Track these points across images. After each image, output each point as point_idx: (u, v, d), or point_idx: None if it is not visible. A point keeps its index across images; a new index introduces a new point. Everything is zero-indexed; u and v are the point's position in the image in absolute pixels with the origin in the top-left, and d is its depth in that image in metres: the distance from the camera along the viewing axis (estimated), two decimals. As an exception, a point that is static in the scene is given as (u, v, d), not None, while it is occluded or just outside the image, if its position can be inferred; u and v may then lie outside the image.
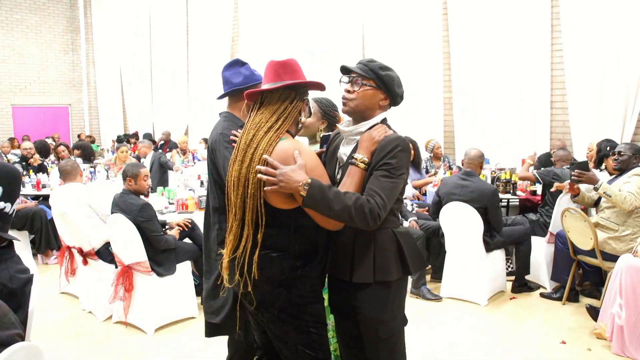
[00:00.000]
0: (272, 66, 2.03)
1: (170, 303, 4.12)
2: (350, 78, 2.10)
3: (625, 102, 6.51)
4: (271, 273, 1.95)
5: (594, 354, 3.61)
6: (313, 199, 1.84)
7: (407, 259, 2.04)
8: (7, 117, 13.24)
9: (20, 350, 1.66)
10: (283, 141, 1.95)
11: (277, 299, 1.97)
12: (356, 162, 1.99)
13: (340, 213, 1.85)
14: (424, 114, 8.24)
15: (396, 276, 2.02)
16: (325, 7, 9.23)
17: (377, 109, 2.09)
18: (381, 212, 1.88)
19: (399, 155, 1.95)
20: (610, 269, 4.14)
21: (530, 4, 7.16)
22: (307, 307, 1.99)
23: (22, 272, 1.97)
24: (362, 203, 1.86)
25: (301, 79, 2.02)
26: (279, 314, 1.99)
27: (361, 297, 2.01)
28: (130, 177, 4.12)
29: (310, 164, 1.93)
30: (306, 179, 1.84)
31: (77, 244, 4.49)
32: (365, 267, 1.99)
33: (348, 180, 1.99)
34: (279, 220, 1.95)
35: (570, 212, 4.29)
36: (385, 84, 2.06)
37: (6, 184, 1.92)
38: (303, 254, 1.98)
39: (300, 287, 1.97)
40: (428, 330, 4.04)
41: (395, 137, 2.00)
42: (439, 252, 5.02)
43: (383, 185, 1.92)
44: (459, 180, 4.66)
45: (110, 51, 13.64)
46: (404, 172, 1.99)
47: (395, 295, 2.06)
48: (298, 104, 2.02)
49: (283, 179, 1.84)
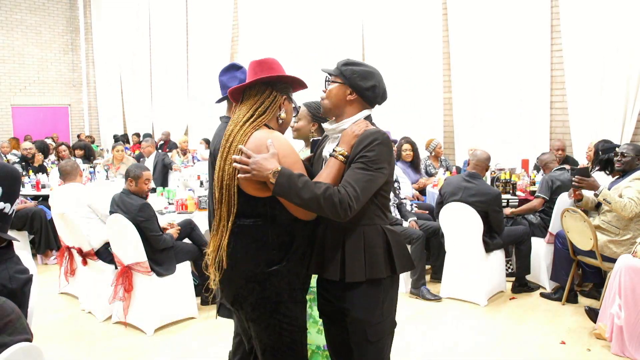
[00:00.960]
0: (250, 66, 2.10)
1: (170, 303, 4.12)
2: (326, 79, 2.14)
3: (625, 102, 6.50)
4: (245, 266, 1.94)
5: (593, 354, 3.61)
6: (282, 186, 1.84)
7: (394, 257, 2.01)
8: (6, 117, 13.23)
9: (20, 350, 1.66)
10: (258, 132, 1.97)
11: (250, 294, 1.94)
12: (335, 155, 1.98)
13: (309, 202, 1.84)
14: (423, 114, 8.24)
15: (385, 274, 1.99)
16: (325, 8, 9.22)
17: (346, 105, 2.08)
18: (352, 203, 1.84)
19: (376, 148, 1.93)
20: (609, 269, 4.14)
21: (530, 4, 7.15)
22: (280, 305, 1.94)
23: (22, 273, 1.96)
24: (331, 193, 1.84)
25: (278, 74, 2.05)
26: (252, 312, 1.96)
27: (351, 298, 1.97)
28: (131, 178, 4.11)
29: (283, 152, 1.93)
30: (276, 167, 1.85)
31: (76, 244, 4.49)
32: (356, 264, 1.96)
33: (325, 171, 1.98)
34: (254, 210, 1.94)
35: (569, 213, 4.29)
36: (346, 77, 2.05)
37: (6, 185, 1.92)
38: (280, 245, 1.95)
39: (275, 282, 1.93)
40: (428, 331, 4.04)
41: (375, 130, 1.99)
42: (438, 253, 5.02)
43: (357, 177, 1.89)
44: (462, 181, 4.64)
45: (109, 51, 13.64)
46: (383, 166, 1.95)
47: (385, 295, 2.02)
48: (276, 98, 2.04)
49: (255, 167, 1.86)
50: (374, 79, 2.08)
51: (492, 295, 4.71)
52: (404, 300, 4.60)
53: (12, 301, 1.80)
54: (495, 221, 4.53)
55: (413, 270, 4.73)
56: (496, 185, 5.71)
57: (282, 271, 1.94)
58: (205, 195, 5.09)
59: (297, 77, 2.11)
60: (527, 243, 4.81)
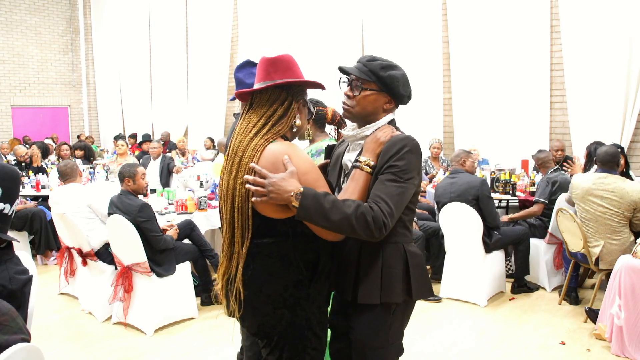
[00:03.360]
0: (262, 63, 1.82)
1: (170, 304, 4.12)
2: (349, 80, 1.90)
3: (625, 102, 6.50)
4: (272, 290, 1.72)
5: (593, 354, 3.61)
6: (307, 210, 1.63)
7: (412, 281, 1.82)
8: (6, 117, 13.23)
9: (20, 350, 1.66)
10: (271, 145, 1.74)
11: (278, 322, 1.73)
12: (360, 165, 1.79)
13: (339, 224, 1.64)
14: (423, 115, 8.24)
15: (401, 298, 1.82)
16: (324, 8, 9.23)
17: (381, 113, 1.89)
18: (387, 220, 1.67)
19: (406, 156, 1.75)
20: (601, 271, 4.16)
21: (529, 5, 7.15)
22: (309, 331, 1.76)
23: (22, 273, 1.96)
24: (363, 211, 1.65)
25: (295, 76, 1.80)
26: (279, 340, 1.75)
27: (358, 318, 1.83)
28: (128, 177, 4.12)
29: (303, 168, 1.71)
30: (298, 188, 1.64)
31: (76, 244, 4.49)
32: (370, 285, 1.79)
33: (352, 185, 1.77)
34: (274, 229, 1.72)
35: (562, 213, 4.31)
36: (388, 86, 1.86)
37: (5, 185, 1.91)
38: (306, 264, 1.75)
39: (306, 307, 1.74)
40: (427, 331, 4.04)
41: (403, 137, 1.80)
42: (438, 253, 5.03)
43: (389, 190, 1.71)
44: (448, 180, 4.79)
45: (109, 52, 13.64)
46: (414, 176, 1.77)
47: (394, 320, 1.85)
48: (292, 105, 1.80)
49: (273, 189, 1.64)
50: (409, 83, 1.93)
51: (492, 295, 4.71)
52: (404, 301, 4.60)
53: (12, 302, 1.80)
54: (486, 208, 4.50)
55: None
56: (496, 185, 5.72)
57: (312, 294, 1.76)
58: (205, 196, 5.10)
59: (315, 81, 1.86)
60: (526, 244, 4.81)
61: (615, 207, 4.00)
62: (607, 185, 4.04)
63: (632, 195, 3.94)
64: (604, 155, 4.14)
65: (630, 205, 3.96)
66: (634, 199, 3.94)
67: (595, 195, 4.09)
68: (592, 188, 4.12)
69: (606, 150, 4.15)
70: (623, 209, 3.98)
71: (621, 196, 3.97)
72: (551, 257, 4.94)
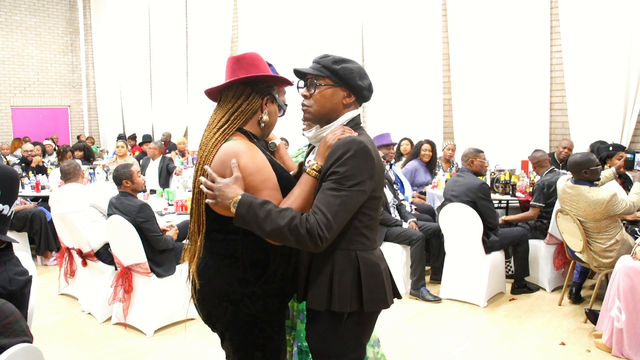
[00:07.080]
0: (228, 62, 1.89)
1: (169, 304, 4.11)
2: (305, 81, 1.85)
3: (625, 103, 6.51)
4: (217, 284, 1.80)
5: (593, 355, 3.61)
6: (242, 218, 1.64)
7: (364, 290, 1.73)
8: (6, 118, 13.23)
9: (20, 351, 1.66)
10: (228, 143, 1.77)
11: (222, 315, 1.81)
12: (307, 169, 1.74)
13: (273, 234, 1.62)
14: (423, 115, 8.25)
15: (350, 308, 1.73)
16: (324, 8, 9.23)
17: (341, 109, 1.82)
18: (323, 233, 1.60)
19: (349, 162, 1.65)
20: (600, 271, 4.16)
21: (529, 6, 7.16)
22: (255, 327, 1.80)
23: (21, 274, 1.96)
24: (297, 223, 1.60)
25: (259, 72, 1.83)
26: (225, 332, 1.85)
27: (310, 323, 1.80)
28: (125, 179, 4.06)
29: (249, 169, 1.72)
30: (236, 196, 1.65)
31: (76, 245, 4.49)
32: (318, 291, 1.74)
33: (297, 190, 1.74)
34: (225, 227, 1.77)
35: (561, 214, 4.32)
36: (342, 78, 1.79)
37: (4, 186, 1.91)
38: (255, 263, 1.78)
39: (250, 304, 1.77)
40: (427, 332, 4.04)
41: (348, 140, 1.69)
42: (438, 254, 5.03)
43: (328, 200, 1.63)
44: (455, 177, 4.85)
45: (109, 52, 13.63)
46: (360, 181, 1.66)
47: (346, 330, 1.76)
48: (254, 100, 1.83)
49: (218, 194, 1.68)
50: (367, 75, 1.86)
51: (492, 296, 4.71)
52: (404, 302, 4.61)
53: (12, 303, 1.80)
54: (483, 209, 4.52)
55: (412, 271, 4.74)
56: (496, 186, 5.71)
57: (257, 292, 1.78)
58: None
59: (278, 75, 1.89)
60: (525, 245, 4.81)
61: (583, 216, 4.07)
62: (573, 197, 4.13)
63: (596, 207, 3.96)
64: (572, 164, 4.15)
65: (599, 215, 3.99)
66: (598, 210, 3.97)
67: (566, 203, 4.22)
68: (562, 197, 4.26)
69: (575, 159, 4.15)
70: (596, 217, 4.01)
71: (587, 206, 4.01)
72: (551, 258, 4.94)
